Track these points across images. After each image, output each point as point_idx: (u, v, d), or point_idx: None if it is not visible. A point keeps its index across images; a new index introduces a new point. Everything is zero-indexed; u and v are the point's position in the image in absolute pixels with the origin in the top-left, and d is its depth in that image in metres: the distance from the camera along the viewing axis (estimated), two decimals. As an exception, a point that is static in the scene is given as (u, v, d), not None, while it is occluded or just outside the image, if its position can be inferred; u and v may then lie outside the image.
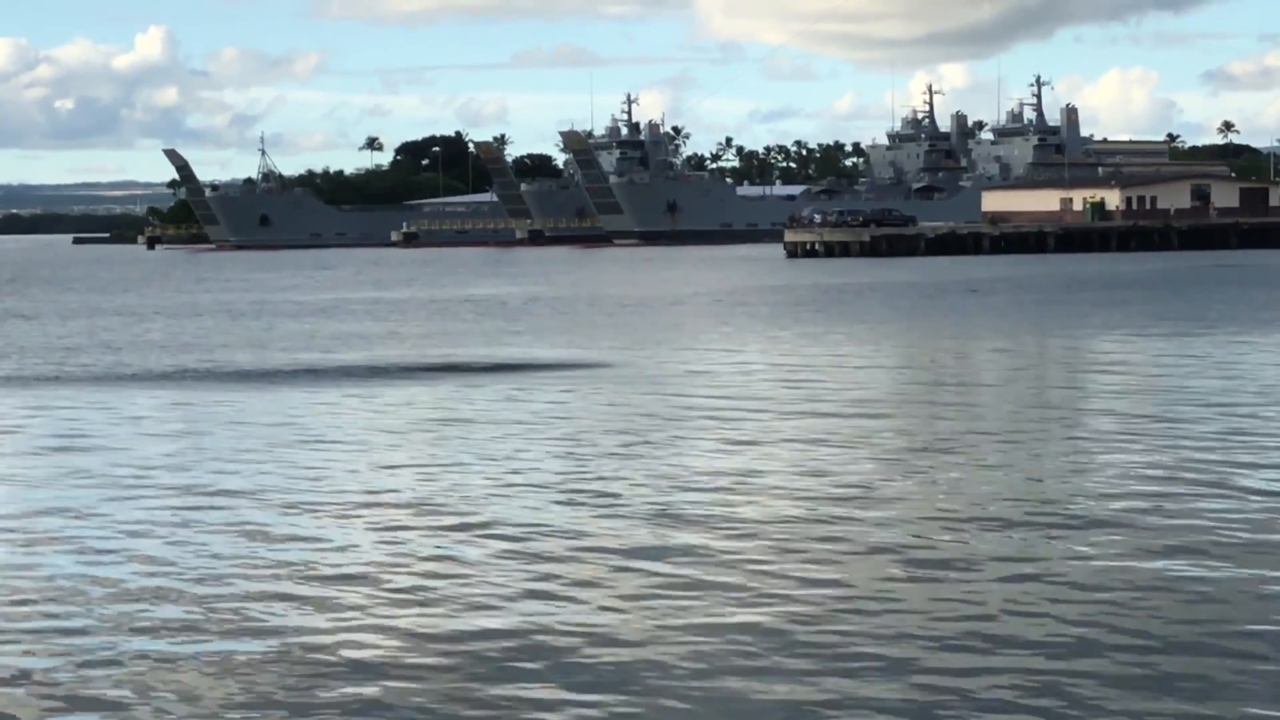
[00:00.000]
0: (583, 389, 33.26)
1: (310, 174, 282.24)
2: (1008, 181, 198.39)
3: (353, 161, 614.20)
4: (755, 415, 28.18)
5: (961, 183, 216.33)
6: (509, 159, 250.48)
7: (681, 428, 26.72)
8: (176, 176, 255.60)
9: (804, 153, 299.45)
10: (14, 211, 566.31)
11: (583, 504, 19.77)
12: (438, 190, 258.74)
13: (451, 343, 47.49)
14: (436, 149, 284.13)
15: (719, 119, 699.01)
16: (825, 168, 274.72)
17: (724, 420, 27.57)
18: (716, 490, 20.60)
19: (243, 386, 35.25)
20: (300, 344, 47.90)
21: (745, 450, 24.03)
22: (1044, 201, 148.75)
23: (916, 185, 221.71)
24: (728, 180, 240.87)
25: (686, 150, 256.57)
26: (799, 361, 39.36)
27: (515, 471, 22.40)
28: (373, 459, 23.92)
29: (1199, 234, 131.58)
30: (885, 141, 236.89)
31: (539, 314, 62.25)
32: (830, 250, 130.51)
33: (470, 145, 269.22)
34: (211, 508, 20.03)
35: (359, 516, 19.29)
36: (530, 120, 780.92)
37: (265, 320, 61.00)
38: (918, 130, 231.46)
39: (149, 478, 22.51)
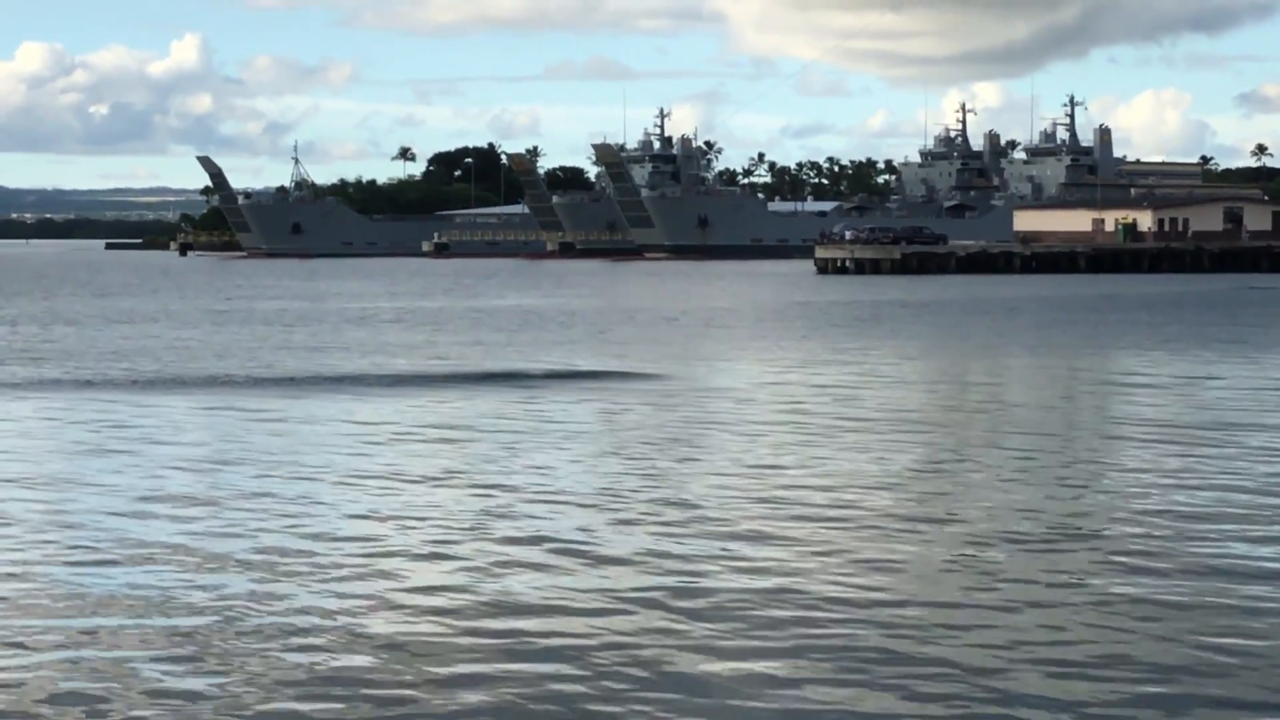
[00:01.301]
0: (631, 399, 33.62)
1: (342, 183, 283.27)
2: (1040, 201, 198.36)
3: (385, 171, 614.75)
4: (799, 427, 28.57)
5: (993, 201, 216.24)
6: (541, 171, 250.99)
7: (729, 437, 27.12)
8: (209, 183, 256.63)
9: (836, 169, 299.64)
10: (48, 216, 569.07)
11: (622, 510, 20.18)
12: (469, 201, 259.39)
13: (498, 352, 47.88)
14: (469, 160, 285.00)
15: (751, 134, 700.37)
16: (857, 184, 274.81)
17: (770, 432, 27.95)
18: (773, 499, 20.99)
19: (302, 393, 35.75)
20: (355, 352, 48.39)
21: (787, 460, 24.41)
22: (1076, 222, 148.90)
23: (948, 203, 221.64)
24: (759, 195, 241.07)
25: (718, 165, 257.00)
26: (839, 376, 39.68)
27: (563, 480, 22.82)
28: (419, 466, 24.35)
29: (1231, 256, 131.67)
30: (917, 159, 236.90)
31: (579, 325, 62.57)
32: (861, 267, 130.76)
33: (502, 157, 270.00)
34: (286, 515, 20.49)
35: (410, 521, 19.71)
36: (562, 133, 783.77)
37: (317, 327, 61.49)
38: (950, 148, 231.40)
39: (222, 482, 22.97)
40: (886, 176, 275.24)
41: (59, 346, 50.46)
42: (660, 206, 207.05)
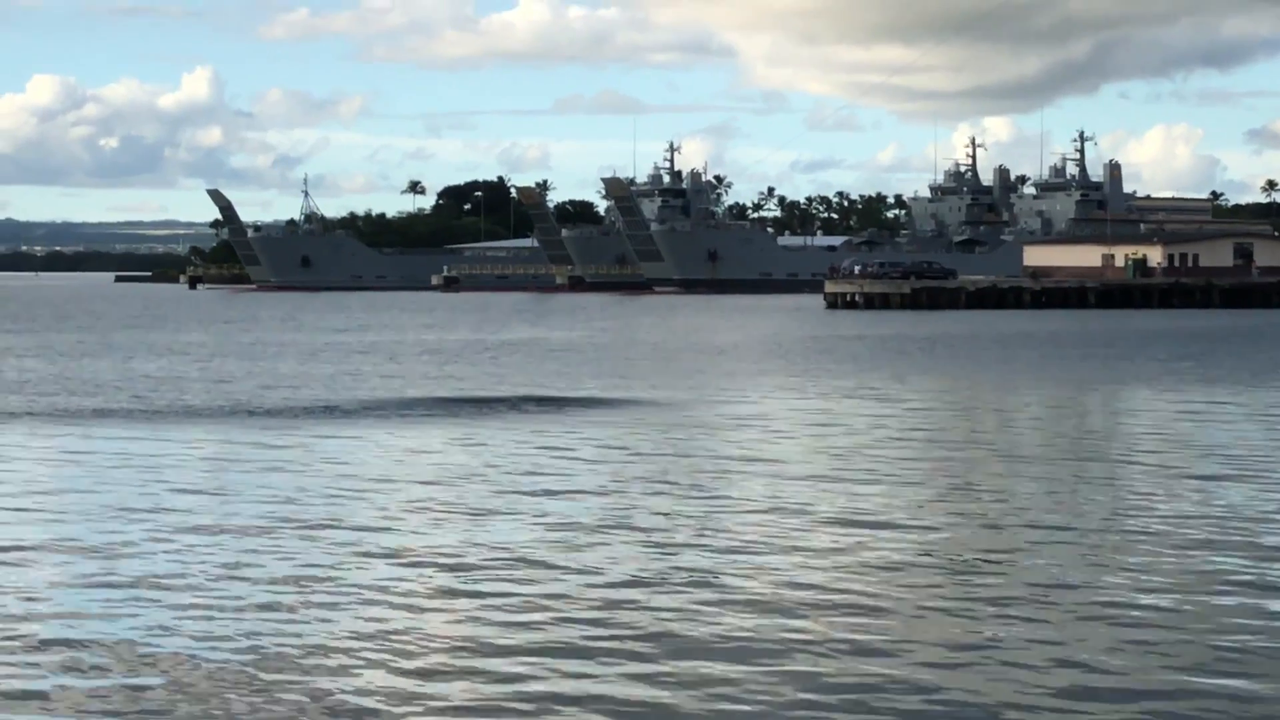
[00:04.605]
0: (659, 427, 33.97)
1: (352, 216, 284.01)
2: (1049, 236, 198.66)
3: (395, 204, 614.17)
4: (814, 458, 28.90)
5: (1003, 236, 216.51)
6: (551, 205, 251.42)
7: (748, 466, 27.47)
8: (219, 216, 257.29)
9: (845, 204, 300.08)
10: (57, 249, 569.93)
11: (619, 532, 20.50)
12: (479, 235, 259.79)
13: (532, 381, 48.25)
14: (479, 193, 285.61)
15: (761, 168, 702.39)
16: (866, 219, 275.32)
17: (784, 464, 28.29)
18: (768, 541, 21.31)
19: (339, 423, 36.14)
20: (385, 381, 48.80)
21: (795, 494, 24.74)
22: (1085, 257, 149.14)
23: (958, 238, 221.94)
24: (769, 230, 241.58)
25: (728, 199, 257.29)
26: (871, 408, 39.99)
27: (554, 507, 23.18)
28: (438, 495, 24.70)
29: (1241, 292, 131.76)
30: (927, 194, 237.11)
31: (603, 358, 62.92)
32: (870, 302, 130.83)
33: (512, 190, 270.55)
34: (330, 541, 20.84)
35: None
36: (572, 166, 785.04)
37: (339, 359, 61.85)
38: (960, 183, 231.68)
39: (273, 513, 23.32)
40: (896, 211, 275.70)
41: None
42: (669, 240, 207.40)
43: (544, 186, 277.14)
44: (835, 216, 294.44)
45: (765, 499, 23.71)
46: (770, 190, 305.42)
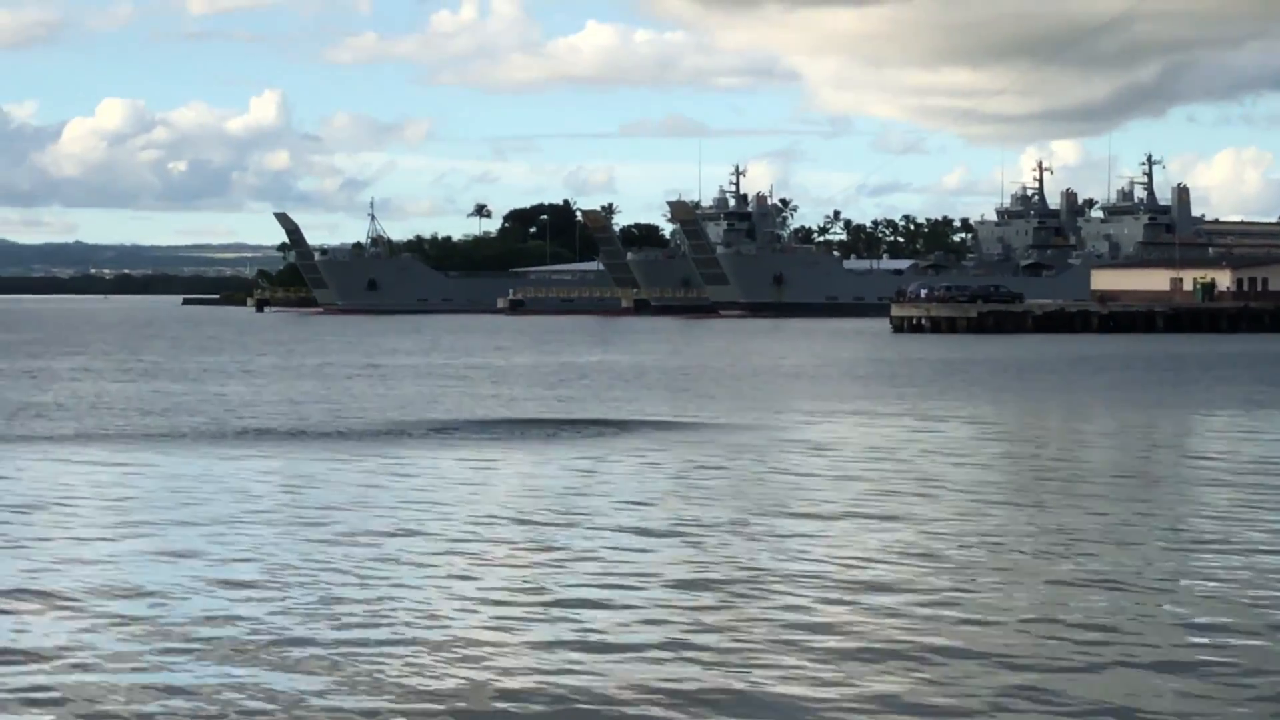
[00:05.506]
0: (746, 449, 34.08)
1: (418, 239, 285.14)
2: (1117, 260, 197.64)
3: (460, 228, 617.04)
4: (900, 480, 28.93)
5: (1070, 260, 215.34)
6: (616, 228, 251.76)
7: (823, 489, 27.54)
8: (286, 239, 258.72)
9: (912, 227, 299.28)
10: (126, 272, 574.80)
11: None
12: (544, 258, 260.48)
13: (615, 406, 48.45)
14: (544, 217, 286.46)
15: (826, 192, 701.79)
16: (933, 242, 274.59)
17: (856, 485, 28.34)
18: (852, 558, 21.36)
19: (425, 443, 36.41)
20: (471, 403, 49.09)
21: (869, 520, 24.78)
22: (1153, 281, 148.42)
23: (1025, 262, 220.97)
24: (834, 253, 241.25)
25: (793, 222, 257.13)
26: (956, 432, 39.98)
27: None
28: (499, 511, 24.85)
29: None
30: (994, 217, 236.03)
31: (672, 381, 63.04)
32: (937, 326, 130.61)
33: (578, 214, 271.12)
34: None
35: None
36: (638, 190, 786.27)
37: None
38: (1027, 207, 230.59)
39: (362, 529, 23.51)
40: (962, 235, 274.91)
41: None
42: (735, 264, 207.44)
43: (609, 210, 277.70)
44: (901, 240, 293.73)
45: (847, 518, 23.77)
46: (836, 214, 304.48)
